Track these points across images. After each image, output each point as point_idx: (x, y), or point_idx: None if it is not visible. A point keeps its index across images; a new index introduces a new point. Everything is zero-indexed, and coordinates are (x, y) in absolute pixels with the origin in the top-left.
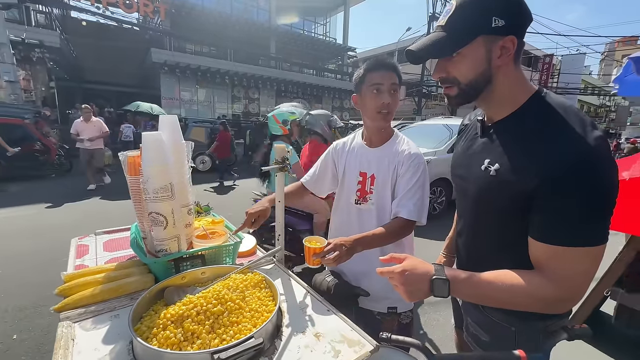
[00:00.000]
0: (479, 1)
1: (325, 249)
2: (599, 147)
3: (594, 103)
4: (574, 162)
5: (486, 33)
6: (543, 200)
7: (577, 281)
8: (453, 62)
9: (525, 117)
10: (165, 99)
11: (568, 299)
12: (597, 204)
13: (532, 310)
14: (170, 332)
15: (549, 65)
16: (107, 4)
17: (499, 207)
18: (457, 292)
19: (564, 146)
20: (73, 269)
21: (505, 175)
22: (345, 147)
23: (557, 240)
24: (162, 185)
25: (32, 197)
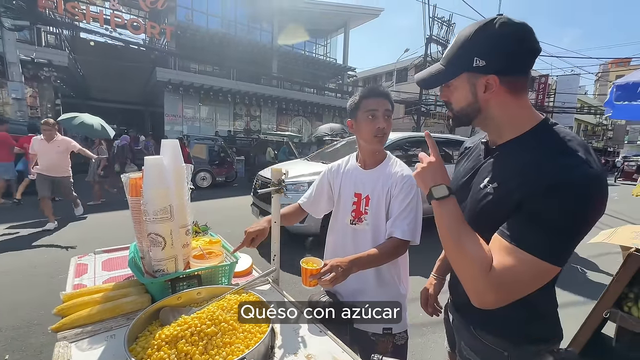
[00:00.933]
0: (467, 43)
1: (322, 271)
2: (597, 179)
3: (591, 122)
4: (572, 182)
5: (468, 71)
6: (524, 205)
7: (508, 277)
8: (449, 90)
9: (529, 142)
10: (168, 116)
11: (493, 293)
12: (571, 224)
13: (463, 274)
14: (164, 353)
15: (545, 85)
16: (116, 25)
17: (495, 223)
18: (441, 210)
19: (567, 168)
20: (72, 288)
21: (501, 192)
22: (340, 169)
23: (518, 240)
24: (162, 207)
25: (23, 215)
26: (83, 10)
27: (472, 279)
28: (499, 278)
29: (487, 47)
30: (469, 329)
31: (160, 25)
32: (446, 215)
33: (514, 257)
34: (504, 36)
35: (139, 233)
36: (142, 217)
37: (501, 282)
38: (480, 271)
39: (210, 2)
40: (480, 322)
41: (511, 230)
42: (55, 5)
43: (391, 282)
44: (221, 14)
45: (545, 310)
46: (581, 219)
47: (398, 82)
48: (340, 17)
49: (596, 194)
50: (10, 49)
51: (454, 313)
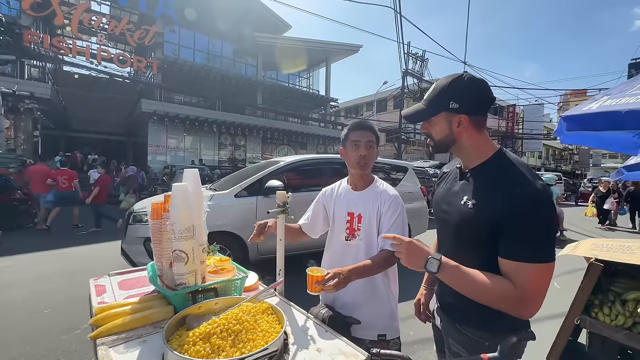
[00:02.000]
0: (444, 90)
1: (326, 277)
2: (544, 191)
3: (558, 147)
4: (528, 197)
5: (446, 110)
6: (508, 227)
7: (534, 289)
8: (430, 124)
9: (492, 167)
10: (152, 146)
11: (527, 303)
12: (547, 230)
13: (499, 307)
14: (200, 347)
15: (513, 113)
16: (102, 59)
17: (475, 233)
18: (444, 274)
19: (521, 187)
20: (96, 304)
21: (479, 208)
22: (333, 193)
23: (520, 258)
24: (187, 226)
25: (11, 248)
26: (69, 45)
27: (506, 304)
28: (528, 293)
29: (459, 94)
30: (455, 326)
31: (147, 59)
32: (450, 279)
33: (531, 272)
34: (471, 88)
35: (158, 252)
36: (165, 236)
37: (531, 295)
38: (509, 299)
39: (197, 38)
40: (464, 320)
41: (515, 253)
42: (40, 40)
43: (383, 293)
44: (207, 49)
45: None
46: (554, 219)
47: (378, 111)
48: (322, 52)
49: (550, 197)
50: None
51: (442, 315)
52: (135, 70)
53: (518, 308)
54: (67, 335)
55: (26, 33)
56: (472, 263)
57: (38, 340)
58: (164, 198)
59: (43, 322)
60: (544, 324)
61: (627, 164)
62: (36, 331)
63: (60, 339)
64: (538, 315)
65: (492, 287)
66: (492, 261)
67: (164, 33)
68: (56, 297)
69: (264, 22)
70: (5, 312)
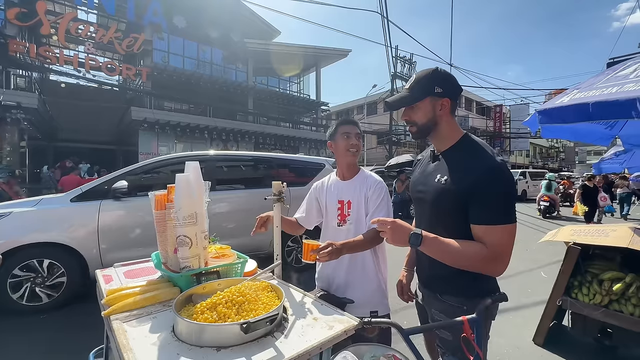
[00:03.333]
0: (428, 76)
1: (321, 246)
2: (503, 164)
3: (544, 145)
4: (491, 170)
5: (431, 95)
6: (476, 197)
7: (503, 247)
8: (413, 110)
9: (460, 148)
10: (142, 154)
11: (497, 260)
12: (507, 196)
13: (475, 267)
14: (208, 315)
15: (500, 113)
16: (90, 68)
17: (449, 205)
18: (425, 246)
19: (484, 162)
20: (107, 288)
21: (451, 183)
22: (324, 185)
23: (487, 221)
24: (190, 213)
25: None
26: (56, 54)
27: (481, 264)
28: (497, 252)
29: (441, 81)
30: (436, 296)
31: (136, 67)
32: (432, 250)
33: (497, 232)
34: (448, 76)
35: (162, 241)
36: (169, 225)
37: (499, 253)
38: (481, 259)
39: (186, 45)
40: (443, 290)
41: (483, 218)
42: (27, 50)
43: (372, 273)
44: (197, 57)
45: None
46: (512, 186)
47: (369, 114)
48: (312, 57)
49: (508, 170)
50: None
51: (423, 290)
52: (124, 78)
53: (490, 265)
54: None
55: (11, 42)
56: (448, 233)
57: None
58: (167, 189)
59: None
60: (531, 310)
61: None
62: None
63: None
64: (526, 301)
65: (466, 250)
66: (465, 230)
67: (153, 41)
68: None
69: (253, 28)
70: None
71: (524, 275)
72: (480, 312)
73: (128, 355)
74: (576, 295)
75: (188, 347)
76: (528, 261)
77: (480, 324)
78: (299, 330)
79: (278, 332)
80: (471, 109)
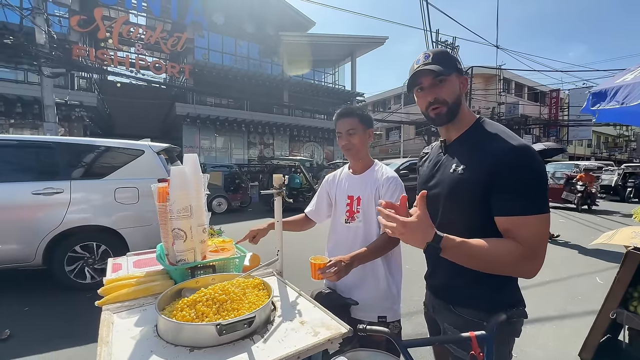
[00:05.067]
0: (447, 53)
1: (327, 265)
2: (530, 146)
3: (611, 133)
4: (515, 151)
5: (456, 72)
6: (499, 184)
7: (537, 241)
8: (442, 87)
9: (475, 131)
10: (186, 148)
11: (532, 257)
12: (537, 181)
13: (506, 269)
14: (186, 313)
15: (557, 99)
16: (140, 67)
17: (467, 197)
18: (448, 251)
19: (507, 143)
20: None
21: (470, 170)
22: (335, 179)
23: (515, 212)
24: (184, 206)
25: None
26: (111, 56)
27: (515, 265)
28: (532, 248)
29: (458, 60)
30: (449, 308)
31: (179, 64)
32: (456, 255)
33: (530, 224)
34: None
35: (164, 233)
36: (167, 216)
37: (535, 249)
38: (515, 258)
39: (225, 41)
40: (457, 300)
41: (511, 207)
42: (87, 53)
43: (382, 276)
44: (234, 52)
45: (504, 281)
46: (543, 170)
47: (406, 104)
48: (347, 47)
49: (536, 152)
50: (47, 94)
51: (434, 301)
52: (169, 76)
53: (524, 266)
54: None
55: (75, 48)
56: (465, 231)
57: None
58: (168, 182)
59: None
60: (580, 320)
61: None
62: None
63: None
64: (574, 310)
65: (496, 252)
66: (487, 225)
67: (194, 39)
68: None
69: (288, 20)
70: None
71: (573, 280)
72: (491, 328)
73: (102, 349)
74: (635, 308)
75: (163, 345)
76: (581, 264)
77: (491, 342)
78: (281, 334)
79: (258, 334)
80: (522, 94)
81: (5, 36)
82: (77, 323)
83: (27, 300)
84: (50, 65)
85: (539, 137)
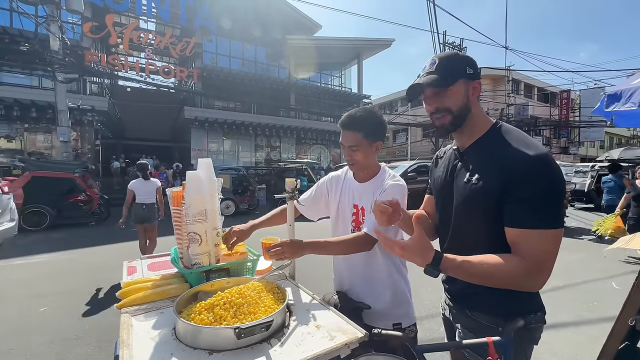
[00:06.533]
0: (455, 57)
1: (272, 245)
2: (548, 155)
3: (625, 135)
4: (532, 160)
5: (464, 78)
6: (512, 194)
7: (542, 257)
8: (446, 95)
9: (491, 138)
10: (194, 150)
11: (535, 273)
12: (552, 195)
13: (510, 285)
14: (204, 316)
15: (568, 100)
16: (150, 72)
17: (483, 209)
18: (449, 274)
19: (524, 152)
20: (124, 280)
21: (484, 181)
22: (339, 181)
23: (525, 224)
24: (199, 210)
25: (75, 242)
26: (122, 62)
27: (517, 281)
28: (537, 261)
29: (470, 62)
30: (465, 312)
31: (188, 69)
32: (457, 275)
33: (536, 238)
34: (471, 58)
35: (179, 236)
36: (183, 221)
37: (538, 265)
38: (517, 276)
39: (232, 46)
40: (473, 305)
41: (520, 219)
42: (99, 59)
43: (397, 277)
44: (242, 56)
45: None
46: (559, 183)
47: (413, 106)
48: (353, 50)
49: (554, 163)
50: (60, 99)
51: (450, 303)
52: (178, 80)
53: (527, 281)
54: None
55: (87, 53)
56: (480, 242)
57: (95, 322)
58: (182, 186)
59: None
60: (596, 327)
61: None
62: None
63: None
64: (589, 316)
65: (499, 270)
66: (500, 237)
67: (203, 43)
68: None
69: (295, 24)
70: (70, 294)
71: (589, 285)
72: (508, 334)
73: (124, 352)
74: None
75: (182, 348)
76: (595, 269)
77: (509, 348)
78: (297, 338)
79: (275, 338)
80: (531, 95)
81: (21, 43)
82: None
83: None
84: (63, 70)
85: (549, 139)
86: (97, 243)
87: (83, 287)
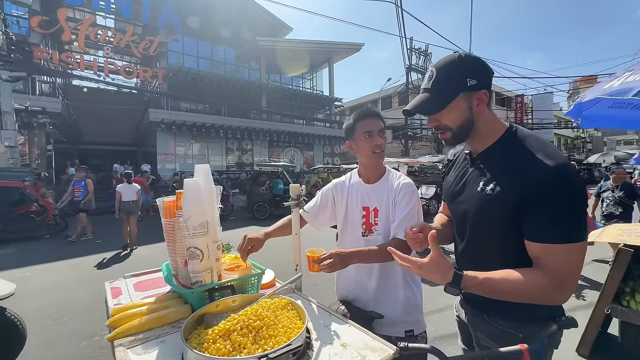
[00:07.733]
0: (455, 67)
1: (322, 257)
2: (568, 165)
3: (570, 135)
4: (552, 170)
5: (464, 90)
6: (533, 206)
7: (567, 272)
8: (442, 113)
9: (505, 145)
10: (160, 155)
11: (561, 289)
12: (575, 206)
13: (533, 300)
14: (220, 345)
15: (522, 104)
16: (110, 72)
17: (498, 221)
18: (469, 290)
19: (542, 161)
20: (113, 306)
21: (500, 191)
22: (345, 186)
23: (549, 239)
24: (200, 222)
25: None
26: (77, 60)
27: (542, 297)
28: (561, 279)
29: (473, 70)
30: (483, 318)
31: (152, 69)
32: (479, 292)
33: (561, 253)
34: (479, 62)
35: (172, 251)
36: (179, 234)
37: (564, 281)
38: (540, 292)
39: (200, 46)
40: (492, 310)
41: (543, 234)
42: (50, 56)
43: (410, 283)
44: (210, 56)
45: None
46: (583, 195)
47: (383, 109)
48: (324, 52)
49: (576, 173)
50: (5, 99)
51: (467, 307)
52: (141, 81)
53: (552, 297)
54: (87, 342)
55: (36, 50)
56: (497, 255)
57: (58, 348)
58: (177, 196)
59: (63, 329)
60: (573, 314)
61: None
62: (57, 338)
63: (80, 345)
64: (565, 306)
65: (523, 287)
66: (518, 250)
67: (168, 42)
68: (73, 304)
69: (265, 25)
70: (26, 320)
71: None
72: (544, 340)
73: None
74: (628, 302)
75: None
76: None
77: (542, 354)
78: None
79: None
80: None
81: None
82: None
83: None
84: (8, 68)
85: None
86: (53, 258)
87: (42, 311)
